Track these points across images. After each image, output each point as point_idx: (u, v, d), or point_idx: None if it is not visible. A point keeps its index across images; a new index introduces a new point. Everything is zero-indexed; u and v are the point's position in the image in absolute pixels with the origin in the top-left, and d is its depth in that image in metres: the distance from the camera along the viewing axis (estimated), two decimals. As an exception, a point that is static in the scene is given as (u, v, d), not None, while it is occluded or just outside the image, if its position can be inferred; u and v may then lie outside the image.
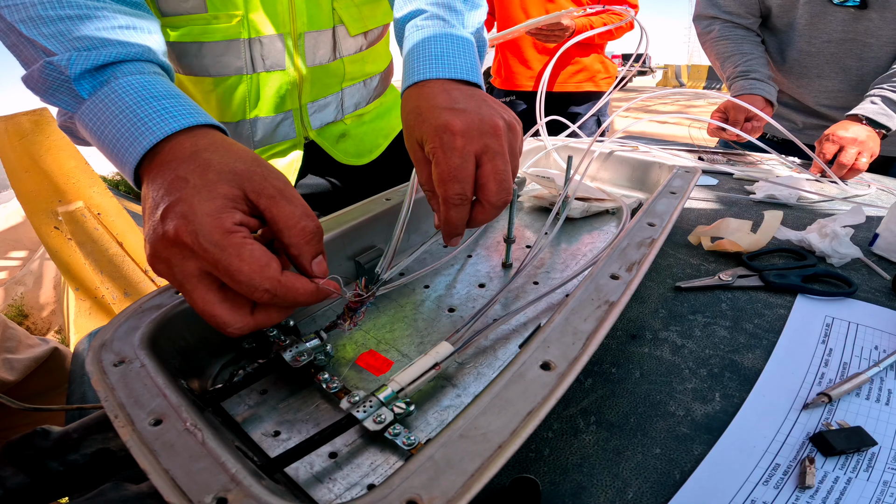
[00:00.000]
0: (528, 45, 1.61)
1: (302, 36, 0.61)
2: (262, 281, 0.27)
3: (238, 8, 0.56)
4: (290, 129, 0.68)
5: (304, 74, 0.63)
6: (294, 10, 0.59)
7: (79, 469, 0.32)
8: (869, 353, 0.40)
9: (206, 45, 0.57)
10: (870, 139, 0.83)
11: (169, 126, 0.31)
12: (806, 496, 0.29)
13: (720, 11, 1.07)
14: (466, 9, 0.51)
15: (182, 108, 0.33)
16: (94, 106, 0.33)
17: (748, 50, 1.04)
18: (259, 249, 0.28)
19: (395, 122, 0.83)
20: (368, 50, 0.71)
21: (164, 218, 0.28)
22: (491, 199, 0.36)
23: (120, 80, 0.33)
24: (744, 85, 1.01)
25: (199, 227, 0.27)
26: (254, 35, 0.58)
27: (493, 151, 0.36)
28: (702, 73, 12.99)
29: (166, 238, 0.27)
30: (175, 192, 0.28)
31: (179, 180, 0.29)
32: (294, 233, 0.30)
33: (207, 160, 0.30)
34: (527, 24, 1.15)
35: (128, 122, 0.31)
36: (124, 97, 0.32)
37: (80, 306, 1.56)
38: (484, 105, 0.38)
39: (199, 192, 0.28)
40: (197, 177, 0.29)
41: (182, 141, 0.31)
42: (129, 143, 0.31)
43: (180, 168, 0.30)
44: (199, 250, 0.27)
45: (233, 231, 0.27)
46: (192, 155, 0.30)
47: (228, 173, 0.29)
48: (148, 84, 0.33)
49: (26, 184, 1.43)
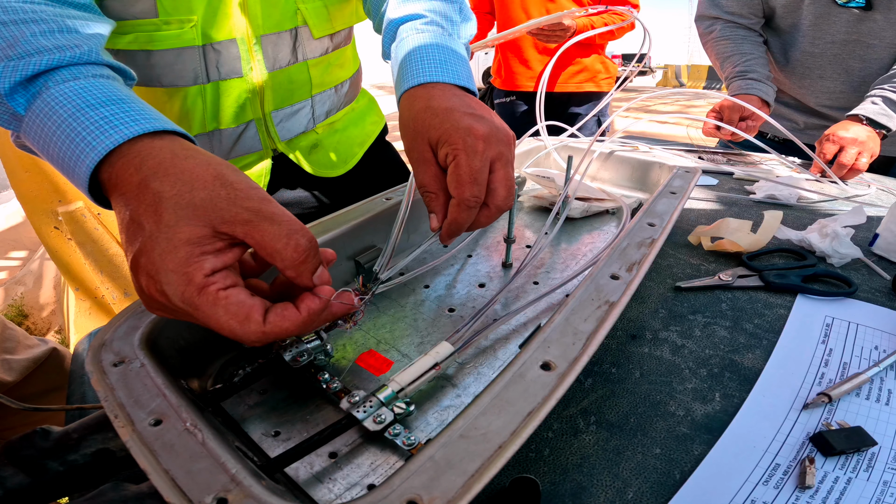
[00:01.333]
0: (529, 45, 1.60)
1: (259, 39, 0.56)
2: (245, 335, 0.26)
3: (192, 13, 0.51)
4: (255, 141, 0.63)
5: (264, 81, 0.59)
6: (249, 11, 0.54)
7: (79, 469, 0.32)
8: (869, 353, 0.40)
9: (156, 53, 0.52)
10: (870, 139, 0.83)
11: (110, 139, 0.27)
12: (806, 496, 0.29)
13: (722, 12, 1.07)
14: (460, 20, 0.52)
15: (125, 115, 0.28)
16: (31, 123, 0.29)
17: (748, 50, 1.04)
18: (236, 301, 0.25)
19: (369, 129, 0.79)
20: (335, 53, 0.67)
21: (135, 271, 0.26)
22: (499, 202, 0.37)
23: (52, 89, 0.29)
24: (741, 85, 1.01)
25: (166, 286, 0.25)
26: (206, 42, 0.53)
27: (505, 159, 0.37)
28: (702, 73, 12.99)
29: (143, 293, 0.26)
30: (135, 241, 0.26)
31: (134, 224, 0.26)
32: (286, 255, 0.27)
33: (158, 193, 0.26)
34: (528, 24, 1.15)
35: (66, 138, 0.28)
36: (58, 109, 0.28)
37: (80, 306, 1.56)
38: (493, 114, 0.40)
39: (158, 243, 0.25)
40: (151, 221, 0.25)
41: (127, 162, 0.27)
42: (74, 162, 0.28)
43: (132, 205, 0.26)
44: (175, 308, 0.25)
45: (204, 286, 0.25)
46: (139, 187, 0.26)
47: (186, 208, 0.25)
48: (83, 91, 0.29)
49: (26, 184, 1.43)
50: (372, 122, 0.80)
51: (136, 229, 0.26)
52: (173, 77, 0.54)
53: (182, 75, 0.54)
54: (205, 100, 0.57)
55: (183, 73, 0.54)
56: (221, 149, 0.62)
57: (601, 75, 1.65)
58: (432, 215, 0.38)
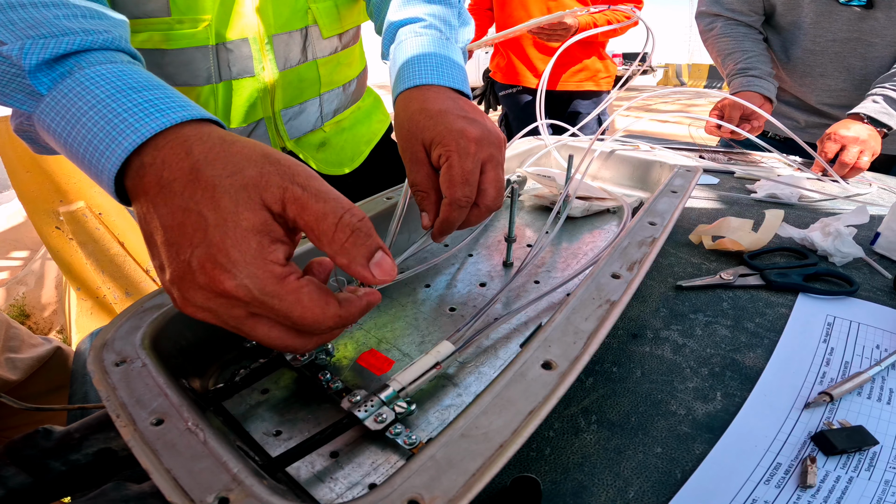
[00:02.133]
0: (529, 43, 1.60)
1: (270, 39, 0.56)
2: (325, 321, 0.25)
3: (206, 12, 0.51)
4: (265, 140, 0.63)
5: (275, 80, 0.59)
6: (261, 11, 0.55)
7: (81, 469, 0.32)
8: (870, 352, 0.40)
9: (170, 52, 0.52)
10: (871, 138, 0.83)
11: (156, 122, 0.26)
12: (807, 495, 0.29)
13: (723, 9, 1.07)
14: (459, 25, 0.53)
15: (169, 100, 0.27)
16: (55, 103, 0.27)
17: (749, 47, 1.03)
18: (315, 290, 0.25)
19: (376, 128, 0.80)
20: (344, 52, 0.67)
21: (201, 268, 0.23)
22: (489, 203, 0.39)
23: (86, 70, 0.28)
24: (742, 82, 1.01)
25: (247, 279, 0.23)
26: (219, 41, 0.53)
27: (496, 160, 0.39)
28: (702, 72, 12.96)
29: (210, 290, 0.24)
30: (197, 233, 0.24)
31: (195, 216, 0.24)
32: (337, 237, 0.25)
33: (211, 180, 0.25)
34: (530, 23, 1.14)
35: (101, 119, 0.26)
36: (94, 90, 0.27)
37: (82, 306, 1.56)
38: (485, 118, 0.41)
39: (226, 233, 0.23)
40: (211, 209, 0.24)
41: (174, 149, 0.26)
42: (106, 145, 0.26)
43: (186, 194, 0.24)
44: (254, 302, 0.24)
45: (284, 276, 0.24)
46: (191, 174, 0.25)
47: (241, 191, 0.24)
48: (123, 74, 0.28)
49: (27, 184, 1.43)
50: (378, 120, 0.81)
51: (198, 222, 0.24)
52: (187, 76, 0.54)
53: (195, 74, 0.55)
54: (216, 99, 0.57)
55: (196, 72, 0.54)
56: None
57: (601, 74, 1.65)
58: (424, 214, 0.39)
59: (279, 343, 0.25)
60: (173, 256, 0.24)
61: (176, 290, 0.25)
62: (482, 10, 1.64)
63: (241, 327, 0.25)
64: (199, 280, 0.24)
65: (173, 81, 0.54)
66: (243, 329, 0.25)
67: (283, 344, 0.26)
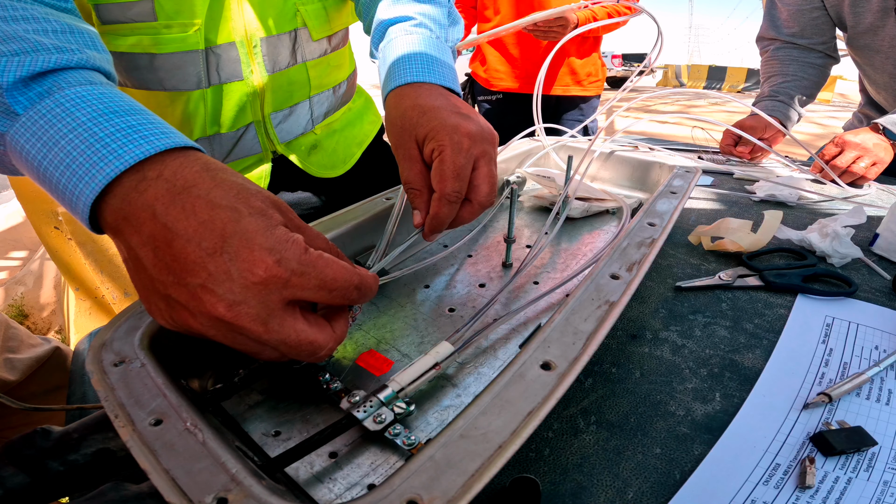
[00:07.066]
0: (512, 42, 1.52)
1: (259, 42, 0.56)
2: (352, 277, 0.27)
3: (195, 17, 0.50)
4: (254, 144, 0.63)
5: (264, 83, 0.59)
6: (245, 14, 0.54)
7: (79, 469, 0.32)
8: (869, 352, 0.40)
9: (160, 56, 0.51)
10: (877, 147, 0.81)
11: (141, 149, 0.25)
12: (806, 496, 0.29)
13: (779, 33, 1.05)
14: (448, 24, 0.54)
15: (154, 127, 0.27)
16: (31, 123, 0.26)
17: (792, 71, 1.01)
18: (333, 255, 0.28)
19: (367, 129, 0.79)
20: (333, 54, 0.67)
21: (236, 256, 0.24)
22: (481, 199, 0.38)
23: (66, 90, 0.27)
24: (766, 105, 1.01)
25: (286, 254, 0.25)
26: (208, 45, 0.53)
27: (489, 157, 0.39)
28: (702, 73, 12.98)
29: (246, 278, 0.24)
30: (228, 226, 0.24)
31: (222, 211, 0.25)
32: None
33: (206, 193, 0.25)
34: (527, 19, 1.09)
35: (81, 143, 0.25)
36: (75, 112, 0.26)
37: (81, 306, 1.56)
38: (477, 114, 0.41)
39: (255, 220, 0.25)
40: (227, 210, 0.25)
41: (181, 166, 0.26)
42: (86, 170, 0.25)
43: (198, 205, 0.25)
44: (293, 275, 0.25)
45: (307, 247, 0.26)
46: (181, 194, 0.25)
47: (241, 192, 0.27)
48: (103, 96, 0.27)
49: (26, 184, 1.43)
50: (370, 121, 0.81)
51: (230, 215, 0.25)
52: (176, 81, 0.54)
53: (185, 79, 0.54)
54: (206, 104, 0.57)
55: (186, 76, 0.54)
56: (221, 152, 0.62)
57: (591, 78, 1.58)
58: (416, 211, 0.39)
59: (306, 337, 0.26)
60: (195, 261, 0.24)
61: (195, 296, 0.24)
62: (467, 6, 1.56)
63: (270, 323, 0.25)
64: (233, 270, 0.24)
65: (163, 86, 0.54)
66: (272, 327, 0.25)
67: (309, 339, 0.26)
